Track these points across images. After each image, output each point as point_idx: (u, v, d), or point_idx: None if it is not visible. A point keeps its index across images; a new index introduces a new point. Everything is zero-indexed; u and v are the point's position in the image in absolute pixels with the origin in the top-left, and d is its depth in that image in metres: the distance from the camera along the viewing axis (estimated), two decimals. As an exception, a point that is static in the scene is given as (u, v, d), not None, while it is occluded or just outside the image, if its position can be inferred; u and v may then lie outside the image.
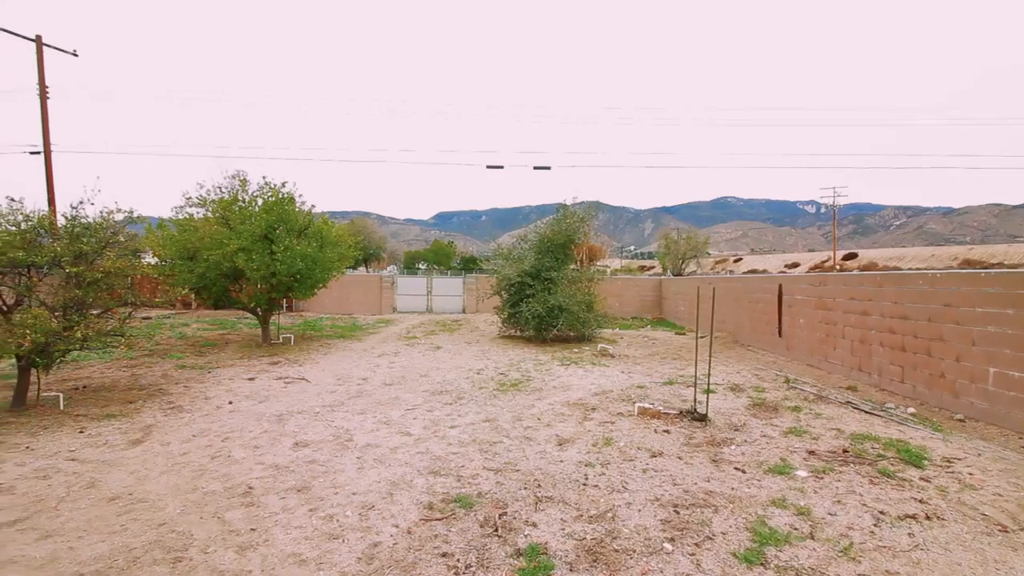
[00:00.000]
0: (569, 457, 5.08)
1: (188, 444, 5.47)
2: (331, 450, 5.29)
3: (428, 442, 5.55)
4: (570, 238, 14.26)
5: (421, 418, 6.48)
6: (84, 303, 6.76)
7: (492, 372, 9.51)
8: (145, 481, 4.51)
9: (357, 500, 4.12)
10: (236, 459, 5.04)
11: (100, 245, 6.92)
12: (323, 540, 3.51)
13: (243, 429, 5.99)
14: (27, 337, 5.79)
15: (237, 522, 3.77)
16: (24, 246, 6.25)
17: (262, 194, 12.10)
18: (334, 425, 6.16)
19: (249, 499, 4.15)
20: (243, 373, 9.29)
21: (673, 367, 10.02)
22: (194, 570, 3.16)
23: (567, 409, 6.90)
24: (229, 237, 11.06)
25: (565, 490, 4.31)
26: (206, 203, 11.86)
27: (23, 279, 6.51)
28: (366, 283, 23.87)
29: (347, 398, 7.52)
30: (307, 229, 12.39)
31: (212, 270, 11.21)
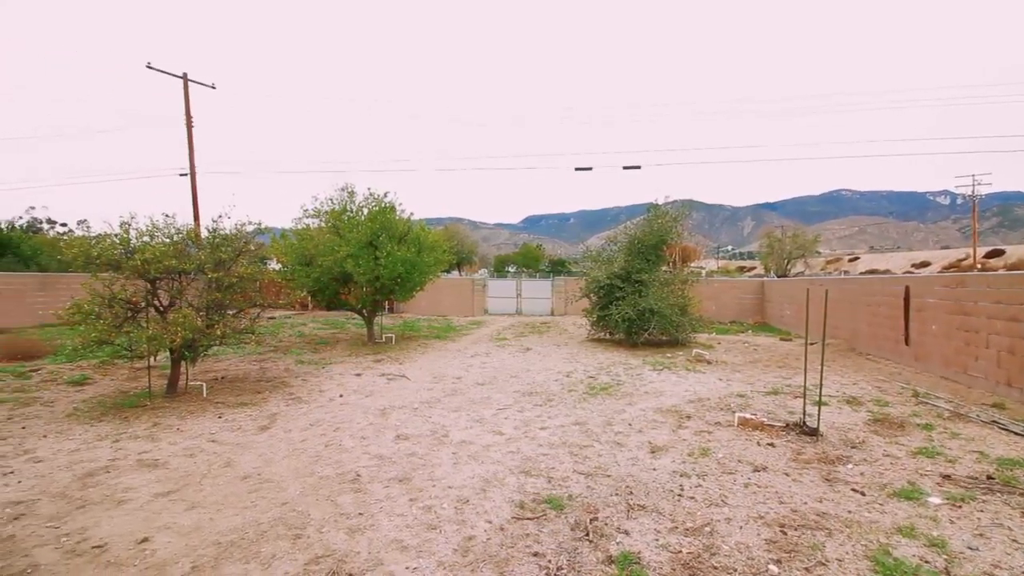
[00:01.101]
0: (663, 466, 4.94)
1: (306, 432, 6.06)
2: (429, 444, 5.59)
3: (519, 442, 5.67)
4: (662, 239, 13.79)
5: (512, 418, 6.62)
6: (222, 304, 7.79)
7: (581, 375, 9.47)
8: (271, 463, 5.07)
9: (453, 494, 4.32)
10: (346, 448, 5.49)
11: (235, 253, 7.94)
12: (422, 529, 3.73)
13: (352, 421, 6.52)
14: (178, 333, 6.78)
15: (347, 506, 4.11)
16: (176, 255, 7.32)
17: (367, 204, 13.07)
18: (431, 421, 6.49)
19: (357, 485, 4.51)
20: (351, 369, 10.08)
21: (778, 376, 9.32)
22: (311, 547, 3.50)
23: (660, 416, 6.69)
24: (339, 244, 12.08)
25: (659, 499, 4.19)
26: (320, 214, 13.06)
27: (175, 284, 7.61)
28: (459, 286, 24.78)
29: (443, 396, 7.89)
30: (407, 235, 13.16)
31: (325, 275, 12.32)
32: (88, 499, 4.25)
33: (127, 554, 3.42)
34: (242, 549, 3.48)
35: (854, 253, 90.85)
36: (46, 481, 4.61)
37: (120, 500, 4.24)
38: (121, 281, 7.18)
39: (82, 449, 5.45)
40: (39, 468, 4.91)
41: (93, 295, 6.94)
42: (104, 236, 7.35)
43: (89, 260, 6.93)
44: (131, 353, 6.88)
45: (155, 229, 7.56)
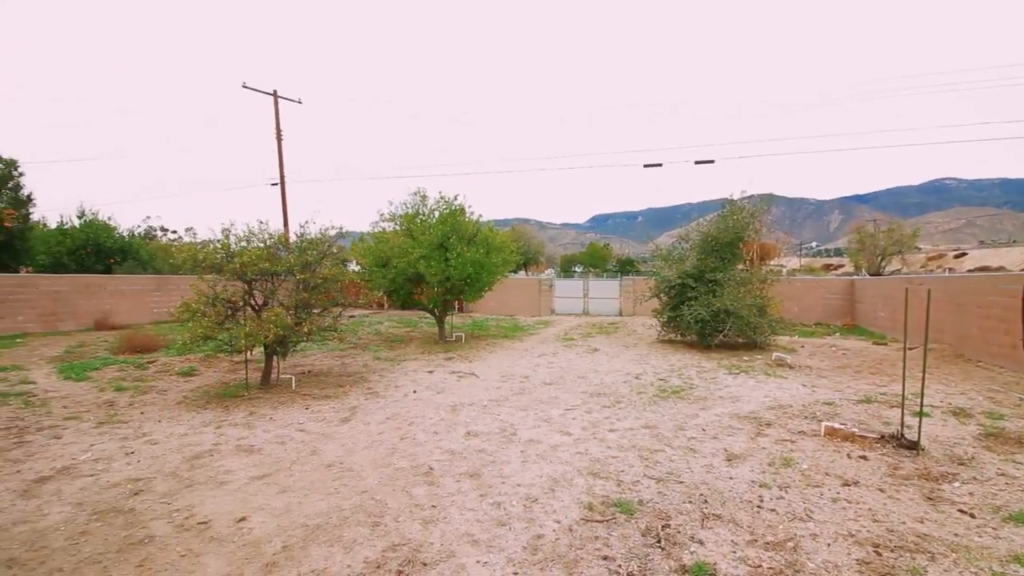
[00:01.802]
0: (740, 475, 4.72)
1: (383, 425, 6.38)
2: (498, 442, 5.70)
3: (587, 443, 5.64)
4: (738, 236, 13.12)
5: (580, 419, 6.60)
6: (309, 304, 8.40)
7: (651, 377, 9.24)
8: (352, 453, 5.39)
9: (522, 492, 4.38)
10: (420, 442, 5.72)
11: (320, 256, 8.53)
12: (492, 525, 3.82)
13: (424, 416, 6.78)
14: (271, 330, 7.37)
15: (421, 498, 4.29)
16: (269, 258, 7.96)
17: (438, 207, 13.50)
18: (500, 419, 6.61)
19: (430, 479, 4.69)
20: (424, 366, 10.47)
21: (871, 383, 8.59)
22: (388, 535, 3.69)
23: (736, 422, 6.39)
24: (412, 246, 12.59)
25: (736, 510, 4.02)
26: (395, 218, 13.67)
27: (268, 284, 8.28)
28: (526, 286, 24.94)
29: (511, 394, 7.99)
30: (475, 237, 13.45)
31: (400, 275, 12.87)
32: (195, 479, 4.73)
33: (227, 531, 3.78)
34: (327, 532, 3.74)
35: (960, 248, 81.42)
36: (160, 461, 5.18)
37: (221, 481, 4.68)
38: (222, 282, 7.96)
39: (190, 434, 6.07)
40: (154, 450, 5.53)
41: (199, 295, 7.72)
42: (208, 242, 8.15)
43: (195, 263, 7.72)
44: (231, 348, 7.57)
45: (251, 235, 8.29)
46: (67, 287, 16.45)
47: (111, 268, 20.52)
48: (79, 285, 16.84)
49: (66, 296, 16.30)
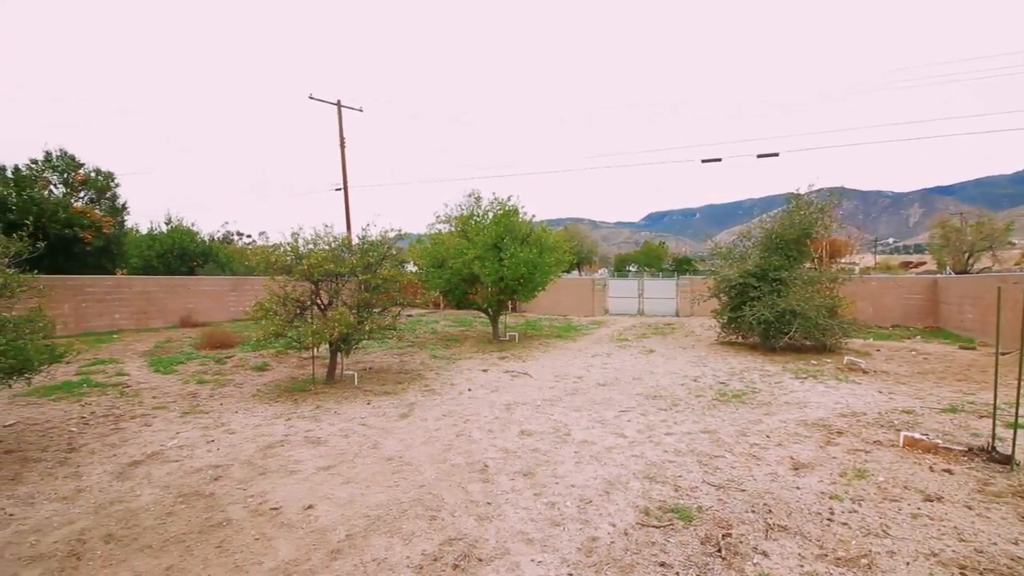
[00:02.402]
0: (808, 485, 4.49)
1: (439, 422, 6.55)
2: (551, 442, 5.71)
3: (643, 446, 5.54)
4: (805, 232, 12.41)
5: (635, 421, 6.49)
6: (370, 303, 8.78)
7: (710, 380, 8.93)
8: (410, 448, 5.57)
9: (576, 493, 4.37)
10: (475, 439, 5.83)
11: (380, 258, 8.89)
12: (546, 524, 3.84)
13: (479, 414, 6.89)
14: (336, 328, 7.75)
15: (476, 494, 4.38)
16: (334, 260, 8.37)
17: (492, 208, 13.67)
18: (553, 419, 6.61)
19: (485, 476, 4.77)
20: (478, 365, 10.64)
21: (956, 391, 7.90)
22: (444, 529, 3.79)
23: (804, 429, 6.07)
24: (467, 247, 12.82)
25: (803, 522, 3.83)
26: (450, 220, 13.98)
27: (333, 285, 8.70)
28: (579, 286, 24.74)
29: (564, 394, 7.98)
30: (528, 237, 13.51)
31: (455, 276, 13.15)
32: (267, 468, 5.05)
33: (296, 517, 4.01)
34: (387, 524, 3.89)
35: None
36: (236, 450, 5.56)
37: (291, 470, 4.97)
38: (292, 283, 8.46)
39: (263, 425, 6.49)
40: (232, 439, 5.95)
41: (271, 295, 8.24)
42: (278, 245, 8.67)
43: (268, 265, 8.25)
44: (299, 344, 8.02)
45: (317, 238, 8.74)
46: (156, 288, 17.97)
47: (194, 270, 22.24)
48: (166, 286, 18.35)
49: (155, 296, 17.81)
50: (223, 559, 3.43)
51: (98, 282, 16.59)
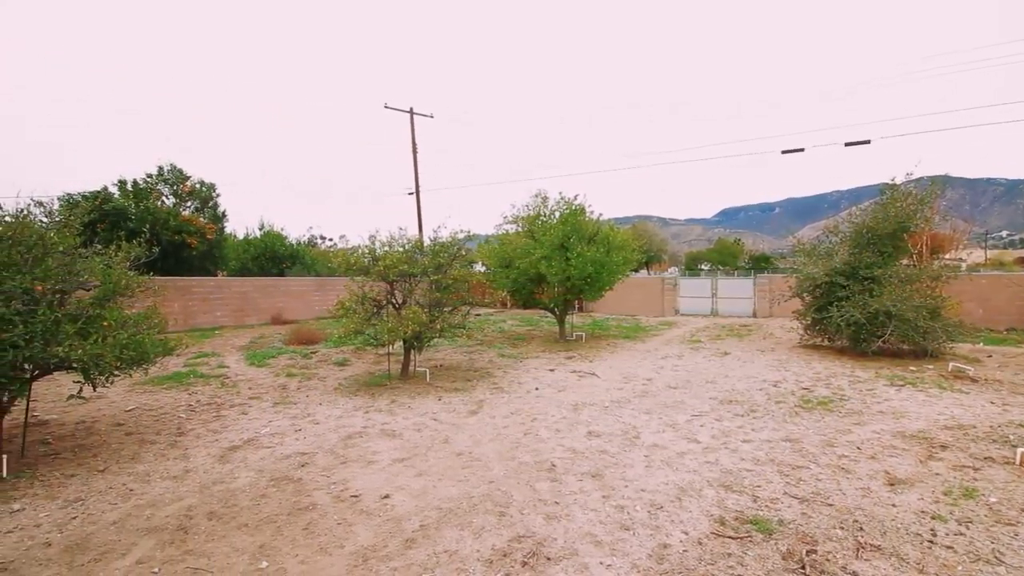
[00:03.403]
0: (906, 503, 4.12)
1: (507, 419, 6.65)
2: (620, 444, 5.62)
3: (717, 452, 5.33)
4: (902, 225, 11.31)
5: (709, 426, 6.24)
6: (441, 302, 9.09)
7: (792, 385, 8.39)
8: (479, 444, 5.70)
9: (646, 497, 4.29)
10: (542, 438, 5.87)
11: (450, 259, 9.18)
12: (615, 528, 3.79)
13: (546, 413, 6.92)
14: (409, 327, 8.09)
15: (544, 493, 4.41)
16: (407, 261, 8.76)
17: (558, 207, 13.65)
18: (622, 421, 6.51)
19: (553, 475, 4.79)
20: (545, 364, 10.67)
21: (1096, 406, 6.90)
22: (513, 526, 3.85)
23: (901, 442, 5.56)
24: (534, 247, 12.89)
25: (900, 542, 3.52)
26: (517, 220, 14.12)
27: (407, 285, 9.09)
28: (648, 285, 24.10)
29: (633, 396, 7.82)
30: (595, 236, 13.36)
31: (522, 276, 13.27)
32: (348, 457, 5.37)
33: (374, 506, 4.24)
34: (458, 517, 4.01)
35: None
36: (320, 439, 5.96)
37: (369, 461, 5.25)
38: (369, 283, 8.94)
39: (344, 416, 6.90)
40: (317, 429, 6.37)
41: (351, 294, 8.74)
42: (357, 247, 9.19)
43: (348, 267, 8.77)
44: (376, 341, 8.45)
45: (392, 240, 9.19)
46: (251, 288, 19.59)
47: (283, 272, 24.03)
48: (260, 286, 19.96)
49: (250, 295, 19.41)
50: (309, 540, 3.70)
51: (202, 283, 18.35)
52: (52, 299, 4.90)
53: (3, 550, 3.61)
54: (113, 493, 4.54)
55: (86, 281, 5.28)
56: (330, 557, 3.48)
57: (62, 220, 5.56)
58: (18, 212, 5.20)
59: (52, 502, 4.35)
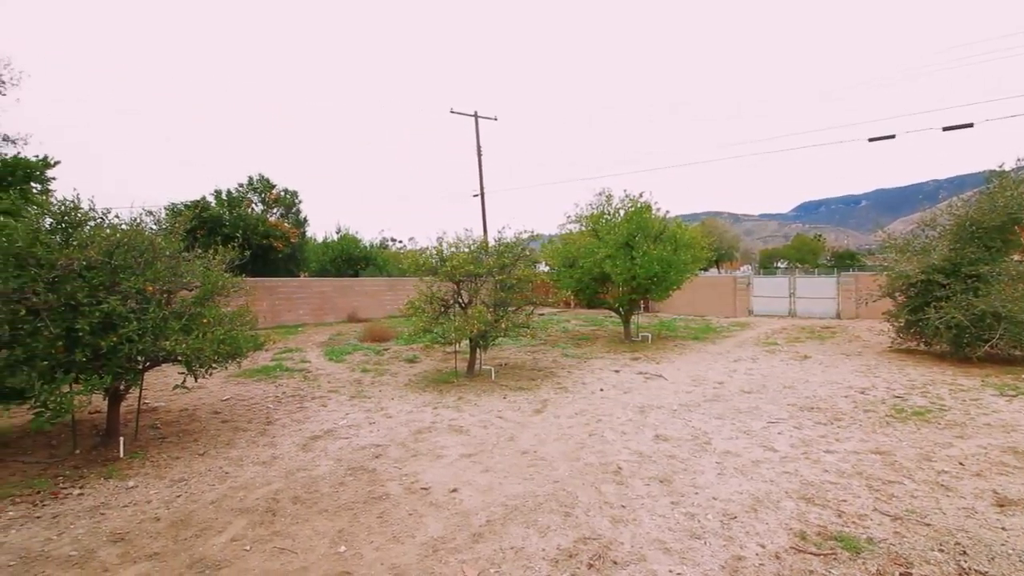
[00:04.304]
0: (1018, 526, 3.70)
1: (572, 420, 6.63)
2: (690, 449, 5.45)
3: (797, 463, 5.03)
4: (1012, 217, 10.08)
5: (787, 435, 5.90)
6: (505, 302, 9.24)
7: (883, 393, 7.75)
8: (544, 444, 5.73)
9: (718, 506, 4.13)
10: (607, 440, 5.80)
11: (514, 259, 9.31)
12: (685, 536, 3.69)
13: (612, 415, 6.83)
14: (475, 326, 8.29)
15: (610, 496, 4.36)
16: (473, 262, 8.97)
17: (623, 206, 13.41)
18: (691, 425, 6.30)
19: (619, 478, 4.73)
20: (610, 365, 10.52)
21: None
22: (579, 527, 3.84)
23: (1012, 458, 4.99)
24: (598, 246, 12.75)
25: (1012, 570, 3.17)
26: (580, 219, 14.03)
27: (473, 285, 9.31)
28: (718, 285, 23.10)
29: (703, 400, 7.55)
30: (662, 234, 13.00)
31: (586, 275, 13.17)
32: (418, 451, 5.58)
33: (443, 499, 4.38)
34: (523, 515, 4.06)
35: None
36: (392, 432, 6.23)
37: (438, 455, 5.43)
38: (437, 283, 9.24)
39: (414, 411, 7.17)
40: (389, 422, 6.67)
41: (420, 294, 9.08)
42: (425, 249, 9.53)
43: (417, 267, 9.11)
44: (443, 339, 8.73)
45: (459, 242, 9.44)
46: (329, 288, 20.81)
47: (358, 273, 25.34)
48: (337, 286, 21.17)
49: (329, 295, 20.62)
50: (383, 529, 3.89)
51: (287, 283, 19.73)
52: (160, 298, 5.47)
53: (121, 522, 4.08)
54: (211, 475, 5.00)
55: (189, 282, 5.85)
56: (402, 546, 3.64)
57: (168, 227, 6.19)
58: (133, 221, 5.85)
59: (160, 481, 4.86)
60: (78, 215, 5.42)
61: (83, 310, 4.78)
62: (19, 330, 4.64)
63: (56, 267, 4.86)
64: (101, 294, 4.94)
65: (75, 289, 4.80)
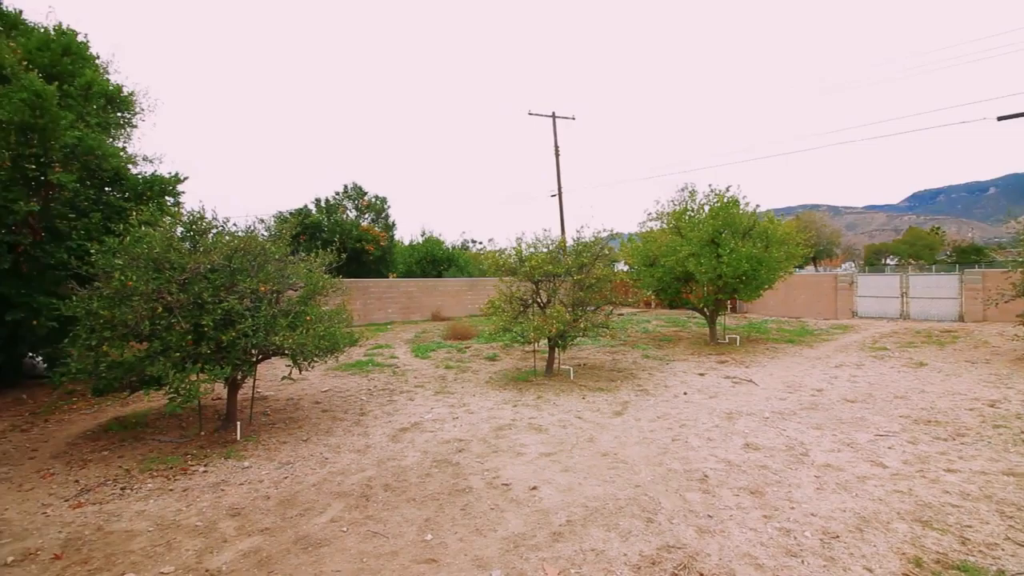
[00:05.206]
0: None
1: (653, 423, 6.47)
2: (784, 460, 5.12)
3: (911, 481, 4.56)
4: None
5: (899, 449, 5.36)
6: (584, 302, 9.19)
7: (1018, 407, 6.78)
8: (624, 446, 5.64)
9: (817, 523, 3.85)
10: (692, 446, 5.59)
11: (593, 258, 9.23)
12: (779, 552, 3.48)
13: (696, 420, 6.57)
14: (554, 325, 8.32)
15: (696, 504, 4.21)
16: (551, 262, 9.01)
17: (708, 201, 12.80)
18: (786, 435, 5.91)
19: (705, 487, 4.55)
20: (694, 368, 10.11)
21: None
22: (662, 534, 3.75)
23: None
24: (681, 244, 12.27)
25: None
26: (662, 216, 13.57)
27: (551, 284, 9.35)
28: (816, 284, 21.33)
29: (799, 408, 7.04)
30: (752, 230, 12.25)
31: (668, 274, 12.73)
32: (499, 447, 5.71)
33: (523, 496, 4.46)
34: (604, 517, 4.03)
35: None
36: (474, 428, 6.42)
37: (518, 452, 5.52)
38: (516, 283, 9.38)
39: (495, 408, 7.34)
40: (471, 418, 6.88)
41: (500, 294, 9.27)
42: (504, 250, 9.72)
43: (497, 268, 9.33)
44: (522, 339, 8.85)
45: (537, 242, 9.54)
46: (415, 288, 21.85)
47: (441, 273, 26.38)
48: (422, 287, 22.18)
49: (415, 295, 21.65)
50: (466, 521, 4.03)
51: (377, 284, 20.98)
52: (271, 298, 6.04)
53: (238, 498, 4.56)
54: (313, 460, 5.45)
55: (294, 283, 6.42)
56: (484, 539, 3.76)
57: (276, 234, 6.82)
58: (247, 228, 6.52)
59: (270, 463, 5.37)
60: (203, 224, 6.14)
61: (207, 308, 5.41)
62: (157, 325, 5.34)
63: (186, 270, 5.54)
64: (222, 294, 5.56)
65: (201, 289, 5.44)
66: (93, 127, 9.17)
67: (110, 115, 10.42)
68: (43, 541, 3.88)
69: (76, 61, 9.69)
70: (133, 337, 5.39)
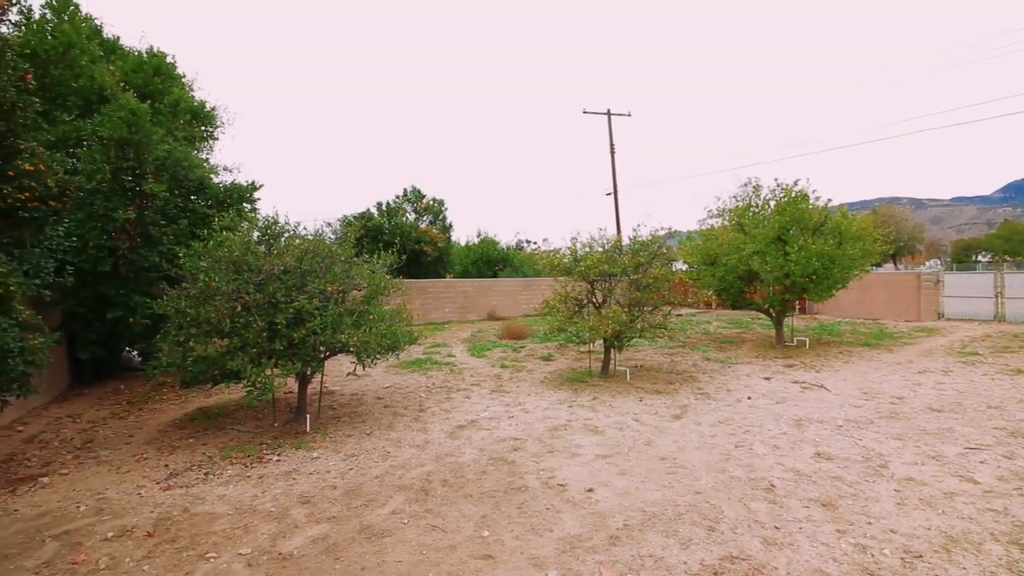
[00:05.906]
0: None
1: (715, 428, 6.25)
2: (859, 472, 4.81)
3: (1007, 499, 4.16)
4: None
5: (992, 464, 4.90)
6: (641, 302, 9.02)
7: None
8: (684, 451, 5.49)
9: (897, 541, 3.60)
10: (757, 453, 5.36)
11: (650, 257, 9.04)
12: (855, 570, 3.28)
13: (762, 426, 6.29)
14: (609, 326, 8.23)
15: (761, 515, 4.04)
16: (607, 261, 8.90)
17: (774, 196, 12.17)
18: (861, 444, 5.54)
19: (771, 496, 4.35)
20: (759, 371, 9.67)
21: None
22: (725, 544, 3.63)
23: None
24: (744, 242, 11.73)
25: None
26: (723, 213, 13.03)
27: (607, 284, 9.25)
28: (896, 283, 19.75)
29: (876, 416, 6.58)
30: (823, 226, 11.54)
31: (730, 273, 12.21)
32: (554, 447, 5.72)
33: (579, 497, 4.44)
34: (663, 523, 3.95)
35: None
36: (530, 427, 6.46)
37: (573, 453, 5.51)
38: (571, 283, 9.35)
39: (550, 408, 7.35)
40: (526, 417, 6.93)
41: (555, 294, 9.28)
42: (558, 250, 9.72)
43: (552, 268, 9.35)
44: (577, 339, 8.81)
45: (592, 241, 9.45)
46: (471, 288, 22.28)
47: (496, 273, 26.74)
48: (478, 287, 22.60)
49: (471, 295, 22.08)
50: (522, 519, 4.08)
51: (435, 284, 21.58)
52: (337, 297, 6.36)
53: (307, 487, 4.84)
54: (376, 453, 5.68)
55: (358, 283, 6.73)
56: (540, 538, 3.78)
57: (342, 236, 7.16)
58: (316, 231, 6.89)
59: (336, 455, 5.66)
60: (276, 228, 6.55)
61: (280, 307, 5.77)
62: (236, 323, 5.76)
63: (262, 271, 5.94)
64: (293, 293, 5.92)
65: (275, 289, 5.82)
66: (180, 140, 10.02)
67: (195, 129, 11.33)
68: (137, 520, 4.29)
69: (165, 80, 10.62)
70: (215, 334, 5.84)
